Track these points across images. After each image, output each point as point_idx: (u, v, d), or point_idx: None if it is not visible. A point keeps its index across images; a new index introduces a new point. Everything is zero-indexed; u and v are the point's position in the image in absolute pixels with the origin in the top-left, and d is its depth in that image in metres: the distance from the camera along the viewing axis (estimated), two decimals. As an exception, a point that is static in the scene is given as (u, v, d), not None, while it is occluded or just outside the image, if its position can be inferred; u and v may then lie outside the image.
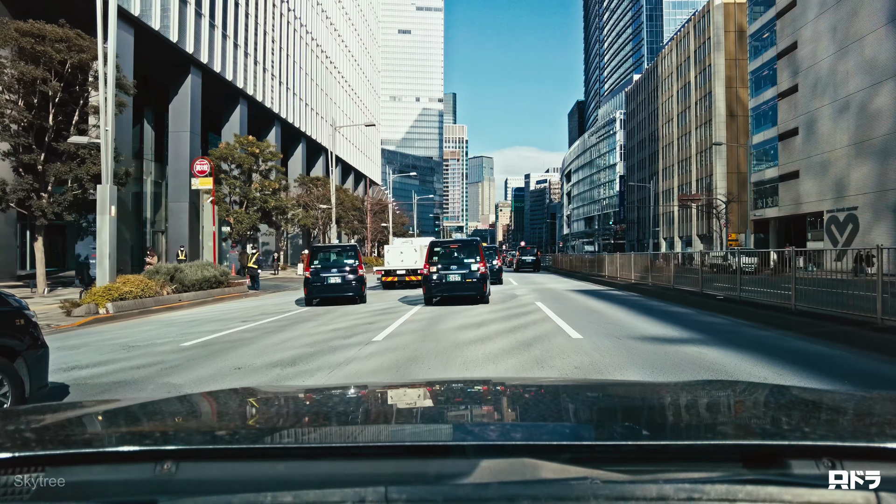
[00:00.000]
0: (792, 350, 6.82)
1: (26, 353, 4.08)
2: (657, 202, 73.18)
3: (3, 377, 3.86)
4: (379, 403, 1.60)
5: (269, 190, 30.09)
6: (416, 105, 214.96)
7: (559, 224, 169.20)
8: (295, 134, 47.43)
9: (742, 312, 10.12)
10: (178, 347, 7.83)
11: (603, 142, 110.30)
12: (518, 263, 41.21)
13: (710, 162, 58.29)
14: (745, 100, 56.08)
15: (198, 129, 31.57)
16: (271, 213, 31.16)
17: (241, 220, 28.77)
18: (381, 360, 6.56)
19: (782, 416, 1.29)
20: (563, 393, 1.69)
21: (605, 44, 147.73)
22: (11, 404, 3.83)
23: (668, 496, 0.74)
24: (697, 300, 12.21)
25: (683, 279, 14.15)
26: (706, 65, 59.03)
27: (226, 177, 28.91)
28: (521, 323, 9.82)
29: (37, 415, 1.37)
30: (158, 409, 1.48)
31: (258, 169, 30.40)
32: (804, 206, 39.73)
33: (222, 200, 29.10)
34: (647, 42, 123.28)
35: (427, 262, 12.91)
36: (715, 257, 15.72)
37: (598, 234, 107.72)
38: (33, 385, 4.13)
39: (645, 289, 15.72)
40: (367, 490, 0.76)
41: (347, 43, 62.86)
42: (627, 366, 5.90)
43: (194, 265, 16.12)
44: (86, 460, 0.93)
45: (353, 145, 65.83)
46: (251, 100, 38.27)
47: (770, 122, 44.66)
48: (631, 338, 7.76)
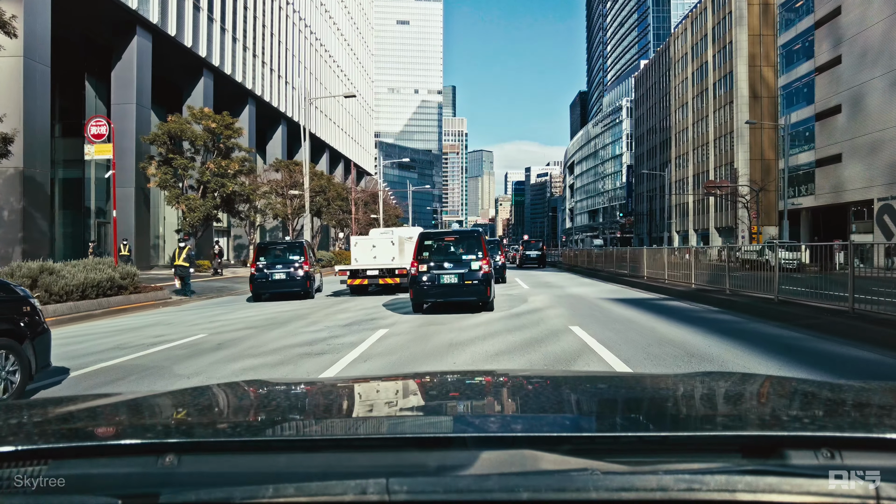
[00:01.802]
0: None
1: (33, 336, 4.72)
2: (669, 193, 68.43)
3: (14, 358, 4.50)
4: (380, 396, 1.58)
5: (230, 172, 25.36)
6: (415, 97, 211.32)
7: (560, 218, 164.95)
8: (273, 115, 42.65)
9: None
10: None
11: (608, 131, 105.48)
12: (522, 259, 36.85)
13: (730, 148, 53.47)
14: (769, 79, 51.26)
15: (147, 102, 26.82)
16: (234, 199, 26.44)
17: (195, 208, 24.09)
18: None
19: (781, 407, 1.29)
20: (564, 385, 1.67)
21: (608, 31, 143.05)
22: (20, 382, 4.54)
23: (667, 487, 0.76)
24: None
25: (793, 289, 9.43)
26: (726, 42, 54.12)
27: (176, 156, 24.17)
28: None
29: (39, 408, 1.37)
30: (160, 403, 1.45)
31: (216, 148, 25.67)
32: (847, 195, 35.00)
33: (173, 185, 24.40)
34: (653, 28, 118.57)
35: (415, 258, 10.27)
36: (749, 252, 13.44)
37: (602, 228, 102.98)
38: (38, 364, 4.77)
39: (723, 300, 10.62)
40: (368, 482, 0.78)
41: (334, 17, 57.80)
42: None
43: (78, 265, 11.48)
44: (88, 453, 0.94)
45: (346, 133, 60.96)
46: (218, 73, 33.47)
47: (804, 100, 39.86)
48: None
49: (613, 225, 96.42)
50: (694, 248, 13.59)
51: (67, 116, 27.82)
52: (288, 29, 45.21)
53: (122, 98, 25.75)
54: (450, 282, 9.94)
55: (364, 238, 16.53)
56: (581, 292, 14.40)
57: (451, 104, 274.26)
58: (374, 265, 15.51)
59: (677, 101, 67.32)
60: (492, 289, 10.17)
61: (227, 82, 35.13)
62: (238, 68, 36.17)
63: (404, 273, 14.57)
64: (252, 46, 38.40)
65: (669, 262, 14.40)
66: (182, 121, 24.25)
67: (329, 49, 56.16)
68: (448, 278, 9.94)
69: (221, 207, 26.16)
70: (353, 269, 15.60)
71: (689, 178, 63.32)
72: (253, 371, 5.83)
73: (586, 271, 24.06)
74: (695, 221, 62.40)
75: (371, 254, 15.91)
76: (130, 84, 25.59)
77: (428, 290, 10.06)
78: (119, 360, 6.58)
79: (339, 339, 7.79)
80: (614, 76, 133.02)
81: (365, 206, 52.82)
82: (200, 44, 31.17)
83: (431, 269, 10.02)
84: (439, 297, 10.16)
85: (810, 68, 38.99)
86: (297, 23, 46.99)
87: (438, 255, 10.31)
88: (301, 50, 48.34)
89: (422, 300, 10.39)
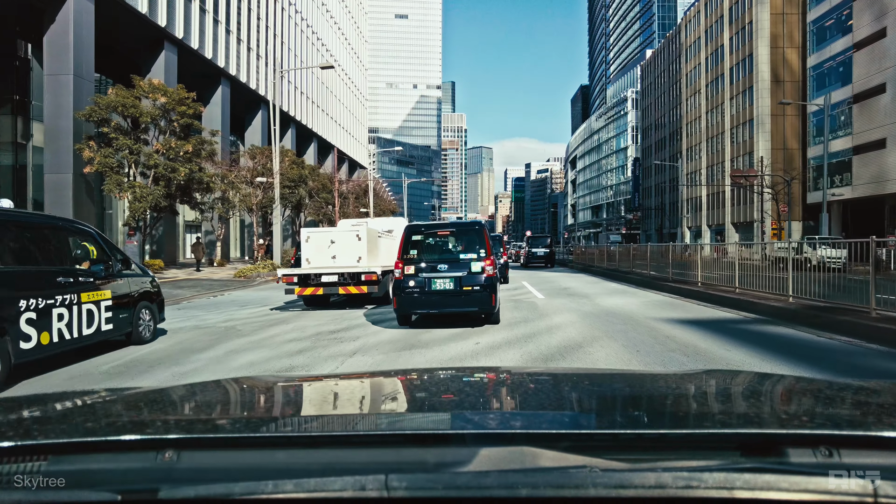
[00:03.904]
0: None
1: (158, 300, 7.88)
2: (681, 185, 64.54)
3: (151, 313, 7.54)
4: (379, 392, 1.57)
5: (183, 155, 21.44)
6: (414, 92, 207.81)
7: (561, 214, 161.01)
8: (251, 98, 38.74)
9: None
10: None
11: (612, 124, 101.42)
12: (527, 257, 33.02)
13: (749, 137, 49.53)
14: (793, 62, 47.33)
15: (89, 74, 22.87)
16: (191, 188, 22.52)
17: (141, 197, 20.20)
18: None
19: (780, 404, 1.29)
20: (563, 382, 1.66)
21: (611, 23, 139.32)
22: (153, 328, 7.59)
23: (666, 484, 0.76)
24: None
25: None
26: (745, 22, 50.14)
27: (119, 136, 20.25)
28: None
29: (39, 404, 1.37)
30: (160, 398, 1.45)
31: (171, 128, 21.75)
32: (892, 185, 31.18)
33: (116, 170, 20.50)
34: (658, 17, 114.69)
35: (400, 257, 8.38)
36: (781, 249, 11.46)
37: (607, 224, 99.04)
38: (158, 319, 7.82)
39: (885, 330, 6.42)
40: (367, 478, 0.78)
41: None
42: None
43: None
44: (88, 449, 0.94)
45: (337, 123, 57.01)
46: (183, 47, 29.52)
47: (839, 80, 35.97)
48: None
49: (619, 221, 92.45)
50: (793, 242, 9.68)
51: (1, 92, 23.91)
52: (268, 1, 41.23)
53: (56, 68, 21.79)
54: (444, 288, 8.07)
55: (319, 231, 12.38)
56: (620, 306, 10.48)
57: (451, 100, 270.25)
58: (332, 268, 11.38)
59: (689, 88, 63.31)
60: (497, 296, 8.25)
61: (195, 59, 31.19)
62: (207, 43, 32.19)
63: (374, 280, 10.85)
64: (225, 20, 34.43)
65: (740, 264, 10.50)
66: (125, 94, 20.30)
67: (316, 30, 52.14)
68: (442, 283, 8.07)
69: (177, 197, 22.24)
70: (303, 273, 11.25)
71: (703, 170, 59.37)
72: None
73: (607, 273, 20.15)
74: (708, 216, 58.49)
75: (328, 252, 11.83)
76: (66, 51, 21.65)
77: (416, 299, 8.13)
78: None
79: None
80: (617, 68, 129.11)
81: (356, 199, 48.92)
82: (159, 11, 27.20)
83: (421, 272, 8.13)
84: (431, 308, 8.21)
85: (847, 45, 35.11)
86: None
87: (430, 253, 8.40)
88: (284, 29, 44.34)
89: (408, 311, 8.37)
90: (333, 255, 11.69)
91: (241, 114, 39.23)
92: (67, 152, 21.53)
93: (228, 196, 26.99)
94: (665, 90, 72.83)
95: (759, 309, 8.96)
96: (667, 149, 71.42)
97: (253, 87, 38.00)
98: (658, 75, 75.86)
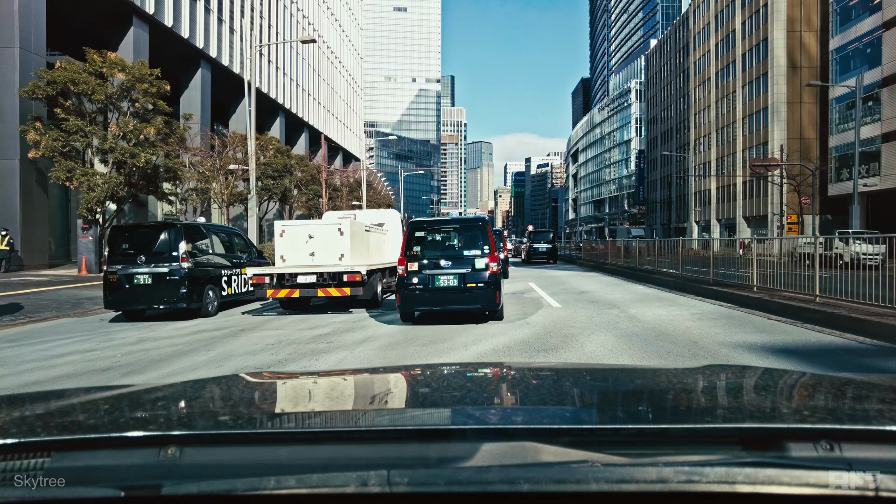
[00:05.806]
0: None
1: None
2: (687, 179, 62.03)
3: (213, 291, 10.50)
4: (381, 388, 1.57)
5: (144, 140, 18.92)
6: (413, 86, 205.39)
7: (562, 209, 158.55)
8: (235, 83, 36.19)
9: None
10: None
11: (615, 116, 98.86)
12: (529, 253, 30.73)
13: (763, 127, 47.00)
14: (811, 47, 44.78)
15: (40, 48, 20.36)
16: (157, 175, 20.00)
17: (95, 186, 17.70)
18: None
19: (781, 399, 1.29)
20: (565, 377, 1.66)
21: (612, 14, 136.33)
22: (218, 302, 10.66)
23: (667, 479, 0.76)
24: None
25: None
26: (760, 5, 47.52)
27: (70, 117, 17.73)
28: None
29: (42, 400, 1.36)
30: (163, 395, 1.45)
31: (129, 109, 19.22)
32: (928, 174, 28.74)
33: (66, 155, 17.99)
34: (661, 5, 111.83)
35: (403, 254, 8.33)
36: (807, 245, 10.14)
37: (610, 218, 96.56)
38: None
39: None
40: (369, 473, 0.79)
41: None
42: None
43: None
44: (90, 446, 0.95)
45: (331, 113, 54.42)
46: (154, 23, 26.96)
47: (866, 63, 33.47)
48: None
49: (623, 216, 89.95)
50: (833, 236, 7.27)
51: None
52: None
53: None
54: (447, 285, 8.25)
55: (295, 225, 10.78)
56: (666, 321, 7.93)
57: (450, 94, 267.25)
58: (311, 267, 9.89)
59: (697, 77, 60.71)
60: (501, 293, 8.44)
61: (170, 38, 28.65)
62: (184, 21, 29.63)
63: (358, 280, 9.56)
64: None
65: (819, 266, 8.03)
66: (75, 68, 17.76)
67: (307, 13, 49.49)
68: (445, 280, 8.25)
69: (140, 186, 19.74)
70: (277, 272, 9.85)
71: (712, 161, 56.86)
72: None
73: (626, 272, 17.67)
74: (718, 210, 56.01)
75: (306, 249, 10.18)
76: (10, 19, 19.13)
77: (420, 296, 8.29)
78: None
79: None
80: (620, 59, 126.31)
81: (350, 192, 46.38)
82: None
83: (424, 269, 8.30)
84: (434, 305, 8.34)
85: (875, 24, 32.59)
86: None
87: (433, 250, 8.55)
88: (270, 10, 41.72)
89: (412, 309, 8.49)
90: (312, 252, 10.12)
91: (226, 101, 36.70)
92: (13, 136, 19.05)
93: (202, 186, 24.46)
94: (671, 80, 70.22)
95: (870, 329, 6.47)
96: (673, 140, 68.88)
97: (237, 71, 35.44)
98: (663, 65, 73.21)
